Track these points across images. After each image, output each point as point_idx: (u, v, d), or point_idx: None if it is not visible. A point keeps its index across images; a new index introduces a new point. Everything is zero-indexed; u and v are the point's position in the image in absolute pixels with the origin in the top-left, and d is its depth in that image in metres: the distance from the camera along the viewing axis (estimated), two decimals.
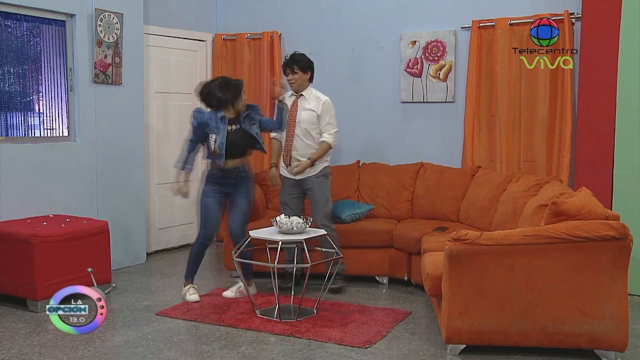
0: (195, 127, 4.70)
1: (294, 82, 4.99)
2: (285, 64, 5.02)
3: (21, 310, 4.53)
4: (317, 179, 5.02)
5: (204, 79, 6.84)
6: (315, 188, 5.02)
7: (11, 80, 5.23)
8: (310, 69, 5.02)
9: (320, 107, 4.96)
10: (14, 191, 4.95)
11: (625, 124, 4.89)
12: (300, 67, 4.96)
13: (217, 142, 4.65)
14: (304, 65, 4.97)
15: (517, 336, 3.62)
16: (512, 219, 4.58)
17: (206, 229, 4.80)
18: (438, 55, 5.98)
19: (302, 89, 5.02)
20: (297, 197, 5.11)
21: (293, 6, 6.69)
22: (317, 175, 5.02)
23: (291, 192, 5.10)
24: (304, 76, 4.98)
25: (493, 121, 5.76)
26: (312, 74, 5.05)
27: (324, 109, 4.97)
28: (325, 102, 4.99)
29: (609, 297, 3.51)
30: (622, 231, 3.43)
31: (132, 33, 5.80)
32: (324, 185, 5.06)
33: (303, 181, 5.04)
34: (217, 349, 3.85)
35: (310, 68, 5.02)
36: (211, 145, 4.67)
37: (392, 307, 4.68)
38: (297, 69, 4.95)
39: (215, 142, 4.65)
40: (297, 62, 4.96)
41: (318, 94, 5.03)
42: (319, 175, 5.03)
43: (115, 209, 5.71)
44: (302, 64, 4.96)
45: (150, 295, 5.02)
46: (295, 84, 4.99)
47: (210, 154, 4.74)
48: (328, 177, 5.11)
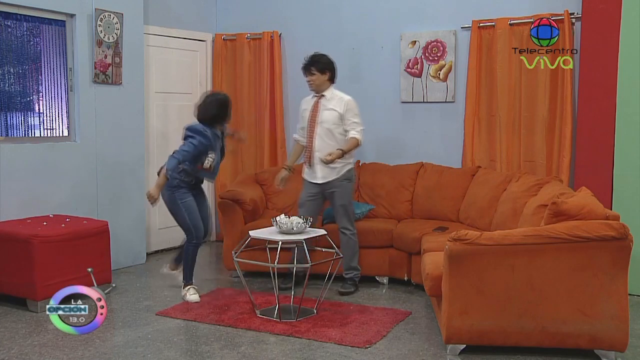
0: (205, 145, 4.61)
1: (312, 83, 4.98)
2: (304, 66, 5.00)
3: (21, 310, 4.53)
4: (339, 183, 4.97)
5: (204, 79, 6.90)
6: (337, 191, 4.98)
7: (11, 80, 5.23)
8: (329, 70, 4.98)
9: (344, 106, 4.93)
10: (14, 191, 4.95)
11: (625, 124, 4.89)
12: (318, 69, 4.94)
13: (215, 160, 4.70)
14: (322, 67, 4.95)
15: (517, 336, 3.62)
16: (512, 219, 4.58)
17: (197, 229, 4.78)
18: (438, 55, 5.98)
19: (322, 89, 4.99)
20: (316, 200, 5.06)
21: (293, 6, 6.69)
22: (340, 179, 4.97)
23: (310, 194, 5.05)
24: (322, 77, 4.96)
25: (493, 121, 5.76)
26: (332, 75, 5.00)
27: (347, 108, 4.93)
28: (349, 101, 4.96)
29: (609, 297, 3.51)
30: (622, 231, 3.44)
31: (132, 33, 5.80)
32: (346, 189, 5.01)
33: (325, 184, 4.99)
34: (217, 349, 3.85)
35: (329, 69, 4.98)
36: (206, 163, 4.66)
37: (392, 307, 4.68)
38: (315, 70, 4.94)
39: (213, 160, 4.69)
40: (315, 64, 4.95)
41: (341, 94, 5.00)
42: (342, 179, 4.97)
43: (115, 209, 5.71)
44: (319, 65, 4.94)
45: (150, 295, 5.02)
46: (313, 84, 4.98)
47: (195, 168, 4.66)
48: (351, 180, 5.06)
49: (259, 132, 6.74)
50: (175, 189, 4.69)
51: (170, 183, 4.66)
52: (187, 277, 4.89)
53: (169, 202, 4.74)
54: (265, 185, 6.09)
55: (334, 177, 4.96)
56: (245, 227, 5.32)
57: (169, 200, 4.73)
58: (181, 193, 4.71)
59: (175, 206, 4.73)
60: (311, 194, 5.04)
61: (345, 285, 5.05)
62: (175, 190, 4.70)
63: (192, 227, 4.76)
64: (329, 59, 5.01)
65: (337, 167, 4.95)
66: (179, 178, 4.67)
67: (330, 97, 4.99)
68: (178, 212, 4.75)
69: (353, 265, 5.08)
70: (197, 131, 4.63)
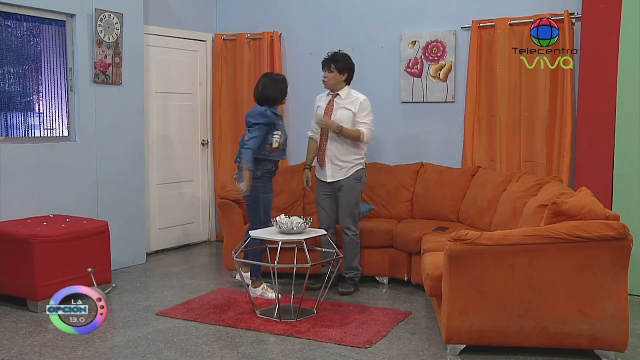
0: (264, 124, 4.63)
1: (328, 81, 4.98)
2: (324, 61, 5.00)
3: (21, 310, 4.53)
4: (348, 182, 4.96)
5: (204, 79, 6.90)
6: (344, 190, 4.97)
7: (11, 80, 5.23)
8: (347, 71, 4.97)
9: (358, 105, 4.93)
10: (14, 191, 4.95)
11: (625, 124, 4.89)
12: (337, 67, 4.94)
13: (282, 137, 4.72)
14: (341, 66, 4.94)
15: (517, 336, 3.62)
16: (512, 219, 4.58)
17: (267, 224, 4.75)
18: (438, 55, 5.98)
19: (337, 88, 4.99)
20: (330, 198, 5.06)
21: (293, 6, 6.69)
22: (349, 178, 4.96)
23: (324, 192, 5.07)
24: (339, 76, 4.95)
25: (493, 121, 5.76)
26: (349, 76, 5.00)
27: (361, 107, 4.93)
28: (363, 101, 4.95)
29: (609, 297, 3.51)
30: (622, 231, 3.43)
31: (132, 33, 5.80)
32: (354, 188, 4.99)
33: (335, 183, 5.00)
34: (217, 349, 3.85)
35: (347, 70, 4.97)
36: (274, 142, 4.68)
37: (392, 307, 4.68)
38: (334, 67, 4.94)
39: (280, 137, 4.71)
40: (335, 62, 4.94)
41: (357, 94, 4.99)
42: (351, 179, 4.97)
43: (115, 209, 5.71)
44: (339, 64, 4.94)
45: (150, 295, 5.02)
46: (329, 82, 4.98)
47: (265, 151, 4.68)
48: (360, 180, 5.02)
49: None
50: (259, 181, 4.72)
51: (254, 174, 4.68)
52: (256, 274, 4.87)
53: (251, 194, 4.73)
54: None
55: (342, 177, 4.97)
56: (245, 227, 5.32)
57: (252, 192, 4.72)
58: (266, 187, 4.76)
59: (255, 198, 4.75)
60: (325, 192, 5.06)
61: (345, 285, 5.05)
62: (260, 182, 4.72)
63: (264, 221, 4.77)
64: (350, 61, 5.00)
65: (346, 167, 4.95)
66: (261, 169, 4.71)
67: (345, 96, 4.98)
68: (256, 206, 4.77)
69: (354, 265, 5.08)
70: (257, 114, 4.67)
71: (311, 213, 5.82)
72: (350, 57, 5.04)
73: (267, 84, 4.79)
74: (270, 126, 4.67)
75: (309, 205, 6.00)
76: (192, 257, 6.36)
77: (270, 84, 4.78)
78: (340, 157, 4.96)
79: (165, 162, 6.46)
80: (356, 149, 4.97)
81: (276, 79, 4.85)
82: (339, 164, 4.95)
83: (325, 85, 5.03)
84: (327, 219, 5.08)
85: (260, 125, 4.63)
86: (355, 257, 5.09)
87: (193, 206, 6.88)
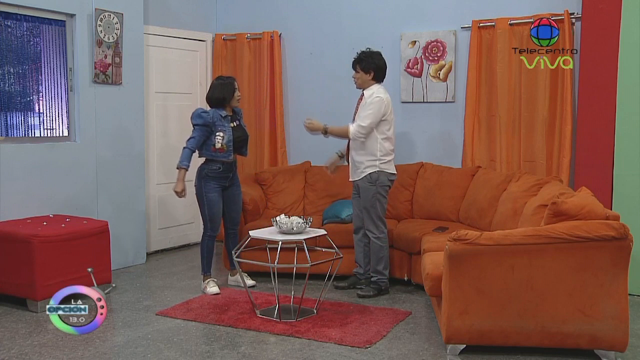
0: (201, 125, 4.81)
1: (356, 81, 5.00)
2: (353, 61, 5.01)
3: (21, 310, 4.53)
4: (362, 184, 4.91)
5: (204, 79, 6.90)
6: (361, 192, 4.93)
7: (11, 80, 5.23)
8: (373, 70, 4.91)
9: (367, 100, 4.88)
10: (14, 191, 4.95)
11: (625, 124, 4.89)
12: (362, 67, 4.92)
13: (225, 139, 4.83)
14: (365, 66, 4.91)
15: (517, 336, 3.62)
16: (512, 219, 4.58)
17: (213, 223, 4.94)
18: (438, 55, 5.98)
19: (365, 87, 4.97)
20: (357, 197, 5.04)
21: (293, 6, 6.69)
22: (362, 179, 4.91)
23: (354, 191, 5.08)
24: (365, 76, 4.93)
25: (493, 121, 5.76)
26: (376, 75, 4.93)
27: (367, 102, 4.86)
28: (374, 98, 4.85)
29: (609, 297, 3.51)
30: (622, 231, 3.43)
31: (132, 33, 5.80)
32: (367, 192, 4.88)
33: (355, 183, 5.00)
34: (217, 349, 3.85)
35: (374, 69, 4.90)
36: (217, 142, 4.81)
37: (392, 307, 4.68)
38: (359, 68, 4.94)
39: (223, 139, 4.82)
40: (360, 62, 4.93)
41: (378, 92, 4.89)
42: (365, 182, 4.90)
43: (115, 209, 5.71)
44: (363, 64, 4.91)
45: (150, 295, 5.02)
46: (357, 82, 4.99)
47: (211, 152, 4.85)
48: (374, 183, 4.88)
49: (259, 132, 6.74)
50: (204, 180, 4.90)
51: (200, 174, 4.92)
52: (204, 269, 5.04)
53: (196, 192, 4.97)
54: (265, 185, 6.09)
55: (357, 178, 4.95)
56: (245, 227, 5.33)
57: (197, 190, 4.96)
58: (208, 186, 4.89)
59: (200, 197, 4.94)
60: (354, 191, 5.08)
61: (365, 288, 4.97)
62: (204, 181, 4.90)
63: (208, 220, 4.93)
64: (375, 60, 4.93)
65: (359, 168, 4.92)
66: (207, 168, 4.89)
67: (369, 95, 4.92)
68: (200, 203, 4.96)
69: (378, 269, 4.97)
70: (195, 115, 4.87)
71: (311, 213, 5.83)
72: (377, 55, 4.97)
73: (215, 86, 4.98)
74: (209, 127, 4.82)
75: (309, 206, 6.00)
76: (192, 257, 6.36)
77: (217, 87, 4.95)
78: (355, 157, 4.94)
79: (165, 162, 6.46)
80: (368, 150, 4.87)
81: (223, 82, 4.99)
82: (355, 164, 4.95)
83: (355, 84, 5.03)
84: (357, 218, 5.08)
85: (198, 126, 4.82)
86: (380, 261, 4.95)
87: (193, 206, 6.87)
